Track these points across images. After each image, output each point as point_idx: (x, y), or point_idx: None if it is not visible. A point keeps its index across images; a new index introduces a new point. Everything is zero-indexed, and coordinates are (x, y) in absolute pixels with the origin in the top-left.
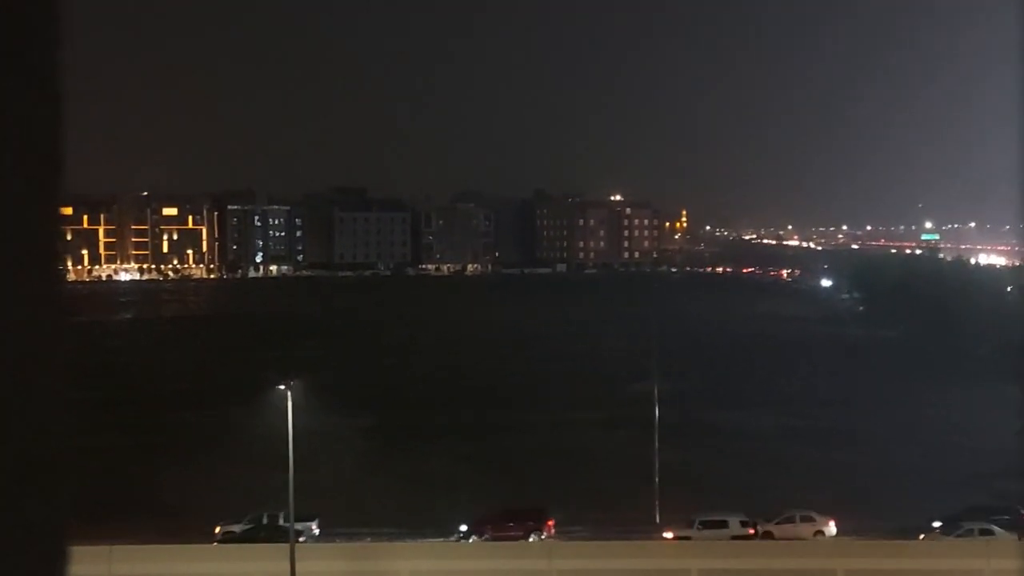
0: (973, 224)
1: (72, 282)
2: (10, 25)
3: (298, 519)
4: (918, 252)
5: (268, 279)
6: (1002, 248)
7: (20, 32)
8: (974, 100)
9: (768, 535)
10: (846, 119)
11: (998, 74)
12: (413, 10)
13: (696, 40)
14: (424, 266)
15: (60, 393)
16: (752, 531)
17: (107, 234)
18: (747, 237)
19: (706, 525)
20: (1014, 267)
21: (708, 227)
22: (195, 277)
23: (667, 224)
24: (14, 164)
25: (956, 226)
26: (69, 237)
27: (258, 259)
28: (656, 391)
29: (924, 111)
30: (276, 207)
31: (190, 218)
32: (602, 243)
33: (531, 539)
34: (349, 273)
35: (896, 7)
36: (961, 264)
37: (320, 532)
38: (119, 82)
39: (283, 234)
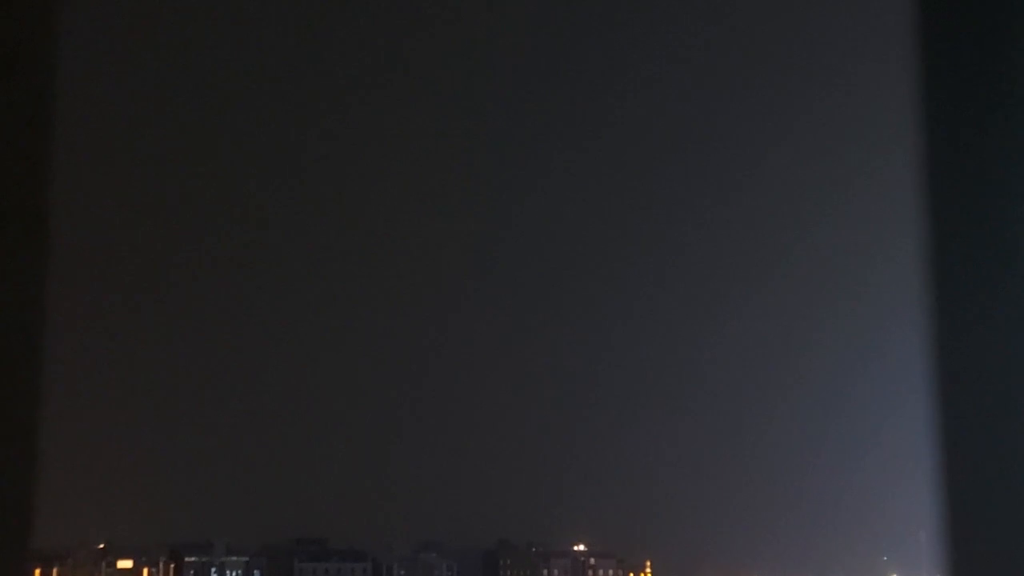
0: None
1: None
2: None
3: None
4: None
5: None
6: None
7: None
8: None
9: None
10: (813, 470)
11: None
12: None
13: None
14: None
15: None
16: None
17: None
18: None
19: None
20: None
21: None
22: None
23: (631, 574)
24: None
25: None
26: None
27: None
28: None
29: (891, 465)
30: (235, 558)
31: (145, 571)
32: None
33: None
34: None
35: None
36: None
37: None
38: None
39: None
